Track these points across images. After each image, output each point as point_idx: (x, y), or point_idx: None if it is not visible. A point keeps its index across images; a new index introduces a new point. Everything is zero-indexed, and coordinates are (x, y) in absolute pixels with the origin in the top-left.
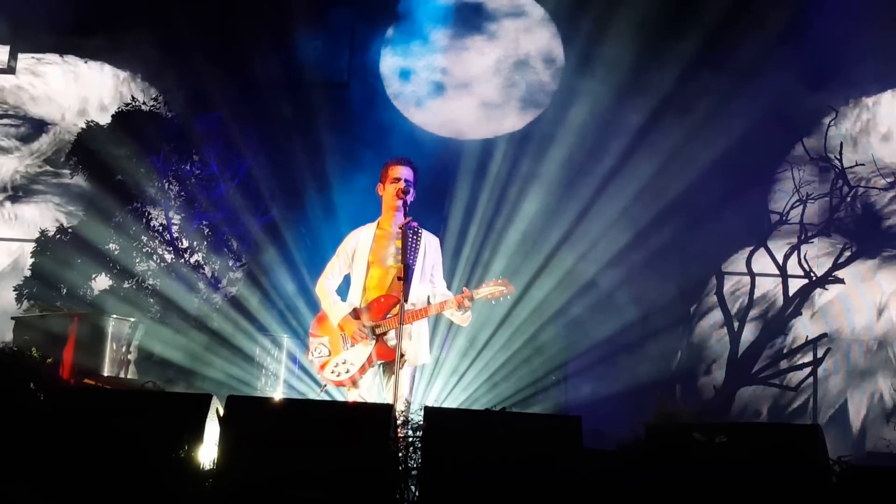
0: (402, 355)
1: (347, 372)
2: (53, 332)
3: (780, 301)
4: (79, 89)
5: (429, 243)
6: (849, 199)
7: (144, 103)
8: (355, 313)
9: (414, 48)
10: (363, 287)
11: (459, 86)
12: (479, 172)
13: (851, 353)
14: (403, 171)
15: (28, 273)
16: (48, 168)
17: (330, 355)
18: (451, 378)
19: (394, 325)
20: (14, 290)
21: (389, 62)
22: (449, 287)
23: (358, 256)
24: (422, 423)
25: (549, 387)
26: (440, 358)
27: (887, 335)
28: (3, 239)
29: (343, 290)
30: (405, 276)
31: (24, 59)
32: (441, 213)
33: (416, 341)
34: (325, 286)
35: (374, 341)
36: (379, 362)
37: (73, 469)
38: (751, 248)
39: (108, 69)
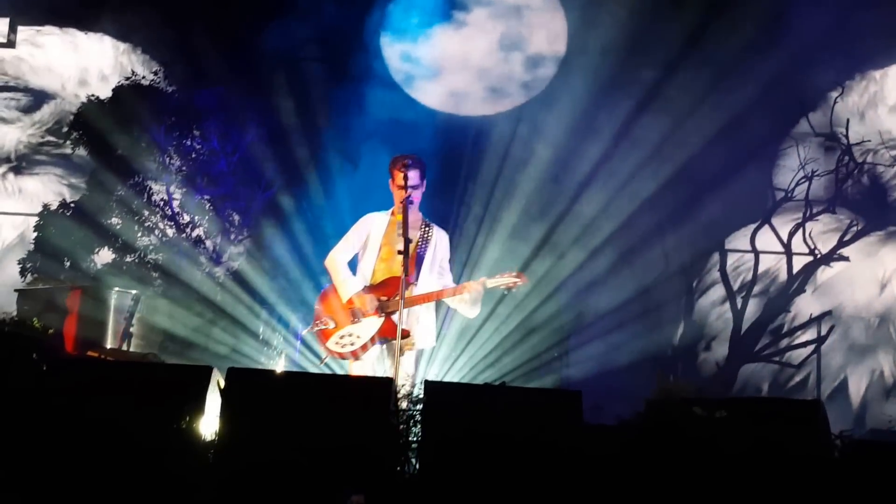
0: (407, 334)
1: (352, 345)
2: (56, 305)
3: (784, 278)
4: (79, 59)
5: (440, 238)
6: (855, 174)
7: (144, 77)
8: (366, 290)
9: (414, 23)
10: (373, 269)
11: (460, 62)
12: (480, 148)
13: (853, 329)
14: (411, 178)
15: (32, 247)
16: (50, 138)
17: (336, 328)
18: (451, 354)
19: (404, 305)
20: (18, 264)
21: (390, 38)
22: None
23: (371, 240)
24: (422, 396)
25: (550, 362)
26: (440, 333)
27: (889, 311)
28: (7, 213)
29: (350, 270)
30: (405, 249)
31: (23, 31)
32: (442, 189)
33: (422, 325)
34: (337, 260)
35: (382, 317)
36: (384, 339)
37: (75, 440)
38: (755, 224)
39: (107, 40)
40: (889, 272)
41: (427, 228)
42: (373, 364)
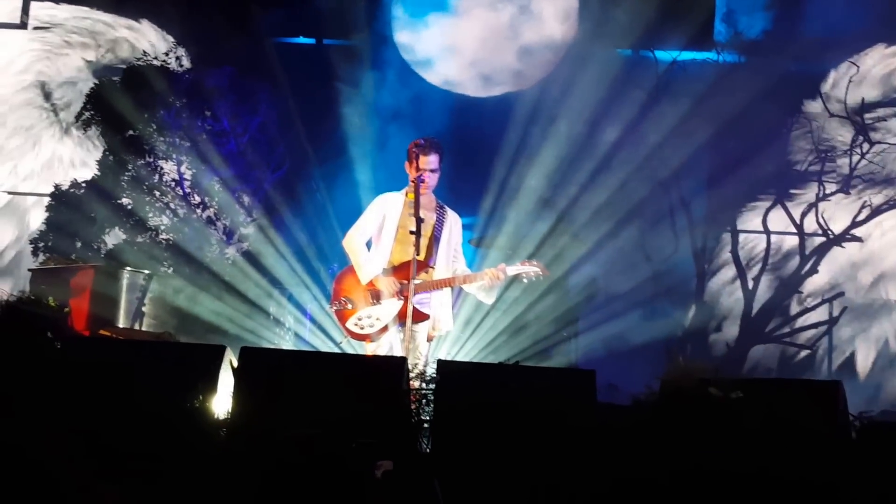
0: (423, 318)
1: (371, 327)
2: (69, 284)
3: (796, 259)
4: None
5: (454, 221)
6: (869, 154)
7: (156, 58)
8: (384, 273)
9: (427, 4)
10: (390, 251)
11: (473, 42)
12: (493, 129)
13: (861, 308)
14: (430, 162)
15: (43, 226)
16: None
17: (354, 309)
18: (462, 334)
19: (423, 289)
20: (30, 243)
21: (403, 17)
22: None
23: (387, 223)
24: (435, 375)
25: (562, 342)
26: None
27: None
28: (19, 193)
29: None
30: (417, 229)
31: (35, 9)
32: (455, 170)
33: (443, 310)
34: (356, 241)
35: (402, 300)
36: (403, 323)
37: (89, 418)
38: (767, 204)
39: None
40: None
41: (441, 210)
42: (389, 345)
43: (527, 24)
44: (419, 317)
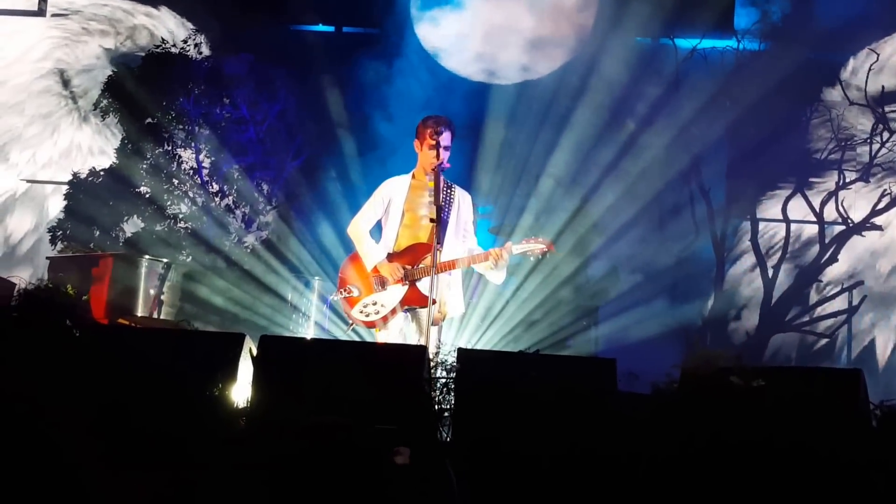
0: (434, 301)
1: (377, 313)
2: (87, 273)
3: (816, 248)
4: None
5: (462, 199)
6: (889, 143)
7: (174, 45)
8: (390, 257)
9: None
10: (396, 235)
11: (493, 29)
12: (513, 117)
13: (880, 296)
14: (443, 139)
15: (62, 215)
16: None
17: (360, 295)
18: (482, 323)
19: (428, 273)
20: (48, 232)
21: (422, 5)
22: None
23: (393, 205)
24: (455, 364)
25: (582, 331)
26: (471, 303)
27: None
28: (36, 181)
29: (374, 236)
30: (437, 217)
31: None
32: (474, 158)
33: (452, 292)
34: (360, 228)
35: (407, 286)
36: (409, 308)
37: (108, 406)
38: (787, 193)
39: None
40: None
41: (449, 190)
42: (399, 332)
43: (547, 11)
44: (422, 301)
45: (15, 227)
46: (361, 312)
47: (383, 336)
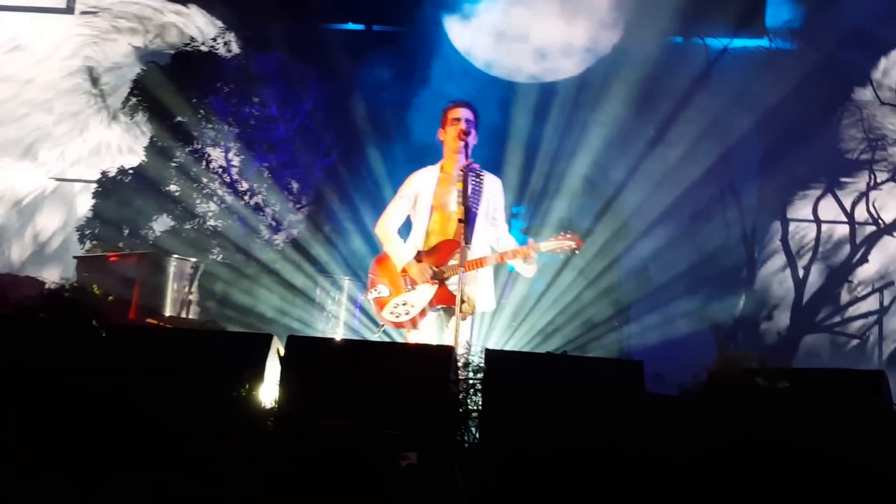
0: (463, 301)
1: (407, 314)
2: (115, 272)
3: (847, 248)
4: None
5: (491, 185)
6: None
7: (203, 44)
8: (419, 256)
9: None
10: (426, 231)
11: (523, 27)
12: (542, 115)
13: None
14: (463, 112)
15: (90, 214)
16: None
17: (390, 296)
18: (512, 322)
19: (457, 271)
20: (77, 231)
21: (453, 3)
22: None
23: (421, 200)
24: (482, 365)
25: (611, 331)
26: (501, 302)
27: None
28: (65, 179)
29: (403, 233)
30: (466, 218)
31: None
32: (502, 156)
33: (482, 288)
34: (388, 228)
35: (436, 285)
36: (440, 307)
37: (134, 406)
38: (817, 193)
39: (168, 5)
40: None
41: (478, 179)
42: (431, 332)
43: (578, 9)
44: (452, 300)
45: (44, 225)
46: (392, 313)
47: (414, 336)
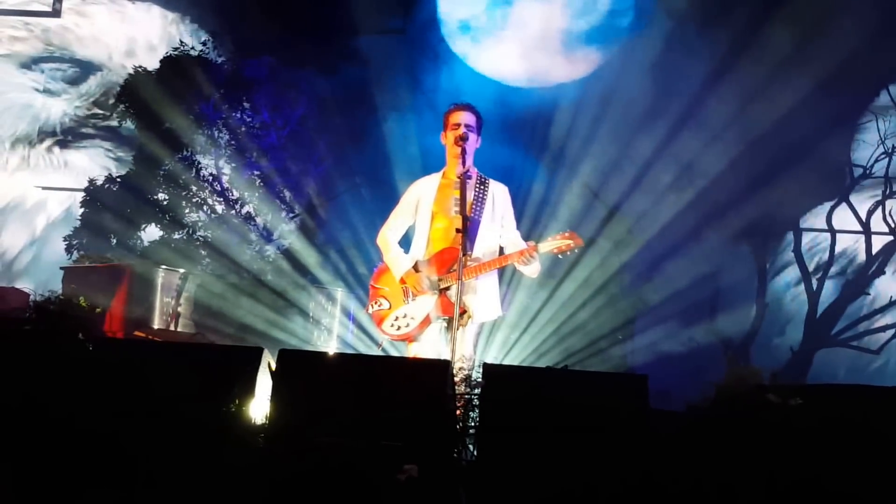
0: (463, 312)
1: (408, 326)
2: (103, 284)
3: (862, 259)
4: (126, 29)
5: (496, 192)
6: None
7: (193, 48)
8: (417, 266)
9: None
10: (427, 239)
11: (523, 30)
12: (543, 120)
13: None
14: (464, 117)
15: (78, 224)
16: (97, 111)
17: (390, 308)
18: (511, 334)
19: (456, 280)
20: (64, 241)
21: (448, 6)
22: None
23: (422, 207)
24: (480, 380)
25: (615, 345)
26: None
27: None
28: (53, 188)
29: (405, 243)
30: (464, 227)
31: (69, 0)
32: (504, 161)
33: (483, 296)
34: (388, 237)
35: (436, 295)
36: (442, 317)
37: (122, 421)
38: (831, 202)
39: (155, 9)
40: None
41: (482, 187)
42: (433, 344)
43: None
44: (452, 310)
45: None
46: (392, 326)
47: (416, 348)
